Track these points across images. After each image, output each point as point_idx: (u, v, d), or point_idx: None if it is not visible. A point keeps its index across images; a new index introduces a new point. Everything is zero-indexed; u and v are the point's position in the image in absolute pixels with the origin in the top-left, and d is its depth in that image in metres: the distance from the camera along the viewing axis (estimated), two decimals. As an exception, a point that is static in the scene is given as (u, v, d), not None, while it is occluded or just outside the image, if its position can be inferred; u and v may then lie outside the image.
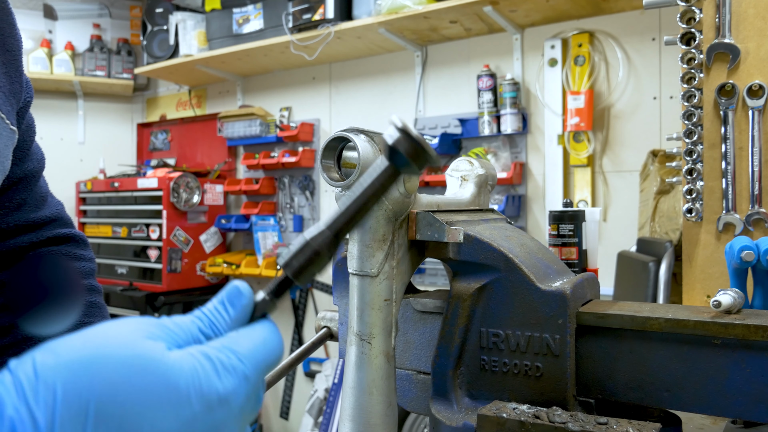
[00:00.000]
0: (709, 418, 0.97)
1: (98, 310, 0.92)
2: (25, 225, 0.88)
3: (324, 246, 0.46)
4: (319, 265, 0.46)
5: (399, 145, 0.46)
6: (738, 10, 1.22)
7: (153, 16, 3.96)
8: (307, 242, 0.46)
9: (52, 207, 0.93)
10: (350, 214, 0.47)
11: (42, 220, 0.90)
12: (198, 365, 0.39)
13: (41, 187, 0.92)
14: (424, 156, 0.46)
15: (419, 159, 0.46)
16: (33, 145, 0.89)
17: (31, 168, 0.88)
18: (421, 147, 0.46)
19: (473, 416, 0.71)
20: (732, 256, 0.86)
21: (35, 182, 0.90)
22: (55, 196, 0.97)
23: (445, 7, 2.71)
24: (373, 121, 3.43)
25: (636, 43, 2.68)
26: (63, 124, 4.36)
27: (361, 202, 0.47)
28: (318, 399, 3.43)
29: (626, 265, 2.19)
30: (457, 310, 0.75)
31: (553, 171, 2.84)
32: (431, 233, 0.76)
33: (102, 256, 3.97)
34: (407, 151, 0.46)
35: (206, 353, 0.40)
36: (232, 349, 0.41)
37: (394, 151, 0.47)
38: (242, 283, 0.45)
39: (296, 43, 3.20)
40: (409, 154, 0.46)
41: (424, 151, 0.46)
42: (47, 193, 0.94)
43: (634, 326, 0.70)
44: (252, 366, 0.41)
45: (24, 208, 0.88)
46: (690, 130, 1.26)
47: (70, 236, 0.93)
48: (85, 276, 0.94)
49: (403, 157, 0.46)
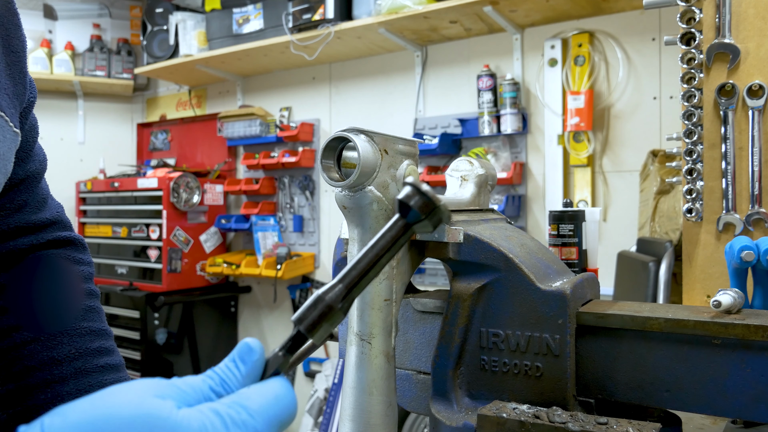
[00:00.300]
0: (709, 418, 0.97)
1: (96, 315, 0.91)
2: (26, 227, 0.87)
3: (336, 300, 0.46)
4: (332, 320, 0.46)
5: (410, 200, 0.48)
6: (738, 10, 1.22)
7: (153, 16, 3.96)
8: (319, 297, 0.46)
9: (53, 209, 0.93)
10: (363, 269, 0.48)
11: (42, 223, 0.89)
12: (207, 422, 0.38)
13: (42, 188, 0.92)
14: (436, 212, 0.48)
15: (432, 215, 0.48)
16: (35, 146, 0.89)
17: (32, 169, 0.87)
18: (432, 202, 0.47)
19: (473, 416, 0.71)
20: (732, 256, 0.86)
21: (36, 183, 0.89)
22: (55, 198, 0.96)
23: (445, 7, 2.71)
24: (373, 121, 3.43)
25: (636, 43, 2.68)
26: (63, 124, 4.36)
27: (373, 257, 0.48)
28: (318, 399, 3.43)
29: (626, 265, 2.19)
30: (457, 310, 0.75)
31: (553, 171, 2.84)
32: (431, 233, 0.76)
33: (102, 256, 3.97)
34: (419, 206, 0.47)
35: (216, 410, 0.39)
36: (243, 404, 0.40)
37: (405, 207, 0.48)
38: (253, 340, 0.45)
39: (296, 43, 3.20)
40: (421, 209, 0.48)
41: (436, 207, 0.47)
42: (48, 194, 0.93)
43: (634, 326, 0.70)
44: (263, 422, 0.40)
45: (25, 209, 0.88)
46: (690, 130, 1.26)
47: (70, 239, 0.93)
48: (85, 280, 0.93)
49: (414, 212, 0.48)
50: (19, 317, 0.83)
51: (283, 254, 3.52)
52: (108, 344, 0.89)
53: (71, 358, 0.83)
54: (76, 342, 0.85)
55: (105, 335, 0.90)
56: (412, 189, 0.48)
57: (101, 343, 0.87)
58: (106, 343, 0.89)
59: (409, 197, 0.48)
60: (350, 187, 0.71)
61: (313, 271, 3.68)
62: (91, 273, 0.95)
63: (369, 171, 0.70)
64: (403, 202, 0.48)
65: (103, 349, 0.88)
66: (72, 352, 0.83)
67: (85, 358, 0.84)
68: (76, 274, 0.92)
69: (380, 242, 0.48)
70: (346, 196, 0.73)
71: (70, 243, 0.93)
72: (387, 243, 0.48)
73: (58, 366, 0.82)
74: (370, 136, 0.71)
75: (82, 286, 0.92)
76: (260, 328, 3.96)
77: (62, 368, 0.82)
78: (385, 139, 0.73)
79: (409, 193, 0.48)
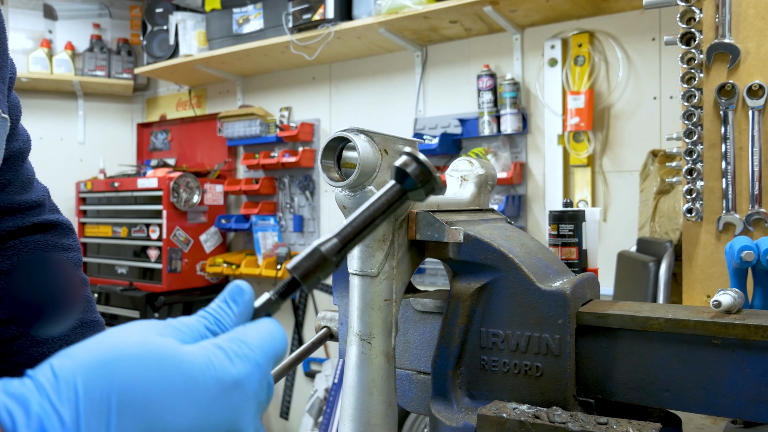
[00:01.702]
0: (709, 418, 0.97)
1: (87, 305, 0.90)
2: (10, 207, 0.85)
3: (331, 252, 0.49)
4: (325, 270, 0.49)
5: (407, 167, 0.51)
6: (738, 10, 1.22)
7: (153, 16, 3.96)
8: (316, 248, 0.49)
9: (38, 191, 0.90)
10: (357, 227, 0.50)
11: (28, 204, 0.87)
12: (212, 354, 0.40)
13: (27, 169, 0.89)
14: (430, 181, 0.51)
15: (426, 183, 0.51)
16: (18, 125, 0.86)
17: (16, 148, 0.85)
18: (428, 171, 0.51)
19: (473, 416, 0.71)
20: (732, 256, 0.86)
21: (21, 163, 0.87)
22: (41, 182, 0.93)
23: (445, 7, 2.71)
24: (373, 121, 3.43)
25: (636, 43, 2.68)
26: (63, 124, 4.36)
27: (368, 216, 0.51)
28: (318, 399, 3.43)
29: (626, 265, 2.19)
30: (457, 310, 0.75)
31: (553, 171, 2.84)
32: (431, 233, 0.76)
33: (102, 256, 3.97)
34: (415, 173, 0.51)
35: (218, 344, 0.42)
36: (242, 339, 0.43)
37: (402, 173, 0.51)
38: (243, 282, 0.47)
39: (296, 43, 3.20)
40: (417, 177, 0.51)
41: (431, 176, 0.51)
42: (33, 176, 0.90)
43: (634, 326, 0.70)
44: (262, 354, 0.43)
45: (8, 189, 0.85)
46: (690, 130, 1.26)
47: (56, 223, 0.90)
48: (75, 267, 0.92)
49: (411, 179, 0.51)
50: (10, 311, 0.81)
51: (283, 254, 3.52)
52: None
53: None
54: (68, 336, 0.83)
55: (97, 326, 0.88)
56: (409, 158, 0.51)
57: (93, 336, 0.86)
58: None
59: (406, 164, 0.51)
60: (350, 187, 0.71)
61: (313, 271, 3.68)
62: (79, 259, 0.93)
63: (369, 171, 0.70)
64: (400, 169, 0.51)
65: None
66: (63, 346, 0.81)
67: None
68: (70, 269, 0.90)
69: (376, 204, 0.51)
70: (346, 196, 0.73)
71: (57, 226, 0.90)
72: (382, 205, 0.51)
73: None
74: (370, 136, 0.71)
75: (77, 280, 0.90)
76: (260, 328, 3.96)
77: None
78: (385, 139, 0.73)
79: (406, 161, 0.51)
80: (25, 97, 4.22)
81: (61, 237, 0.90)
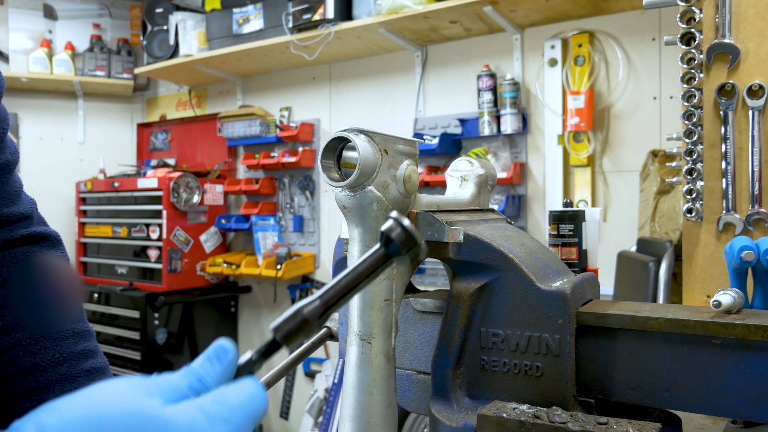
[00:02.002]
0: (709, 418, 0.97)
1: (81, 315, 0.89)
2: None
3: (313, 315, 0.50)
4: (306, 333, 0.50)
5: (392, 233, 0.52)
6: (738, 10, 1.22)
7: (153, 16, 3.96)
8: (298, 310, 0.50)
9: (26, 204, 0.88)
10: (341, 290, 0.52)
11: (16, 216, 0.85)
12: (194, 418, 0.41)
13: (15, 181, 0.87)
14: (415, 247, 0.52)
15: (411, 249, 0.52)
16: (6, 138, 0.85)
17: (3, 160, 0.83)
18: (413, 238, 0.51)
19: (473, 416, 0.71)
20: (732, 256, 0.86)
21: (8, 175, 0.85)
22: (28, 195, 0.91)
23: (445, 7, 2.71)
24: (373, 121, 3.43)
25: (636, 43, 2.68)
26: (63, 124, 4.36)
27: (351, 280, 0.52)
28: (318, 399, 3.43)
29: (626, 265, 2.19)
30: (457, 310, 0.75)
31: (553, 171, 2.84)
32: (431, 233, 0.76)
33: (102, 256, 3.97)
34: (398, 238, 0.51)
35: (200, 407, 0.42)
36: (224, 401, 0.43)
37: (387, 238, 0.52)
38: (227, 341, 0.48)
39: (296, 43, 3.20)
40: (402, 243, 0.51)
41: (416, 243, 0.51)
42: (21, 189, 0.89)
43: (634, 326, 0.70)
44: (243, 416, 0.44)
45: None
46: (690, 130, 1.26)
47: (45, 235, 0.89)
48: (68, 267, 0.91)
49: (395, 243, 0.51)
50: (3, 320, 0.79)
51: (283, 254, 3.52)
52: (92, 346, 0.86)
53: (55, 363, 0.80)
54: (60, 346, 0.82)
55: (88, 336, 0.87)
56: (395, 222, 0.52)
57: (85, 346, 0.84)
58: (90, 345, 0.86)
59: (391, 230, 0.52)
60: (350, 187, 0.71)
61: (313, 271, 3.68)
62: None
63: (369, 171, 0.70)
64: (385, 234, 0.52)
65: (88, 352, 0.85)
66: (56, 356, 0.80)
67: (69, 363, 0.82)
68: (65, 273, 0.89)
69: (360, 267, 0.52)
70: (346, 196, 0.73)
71: (45, 239, 0.89)
72: (366, 269, 0.52)
73: (42, 372, 0.79)
74: (370, 136, 0.71)
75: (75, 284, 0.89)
76: (260, 328, 3.97)
77: (47, 374, 0.79)
78: (385, 139, 0.73)
79: (392, 226, 0.52)
80: (25, 97, 4.23)
81: (49, 249, 0.89)
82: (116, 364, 3.65)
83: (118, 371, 3.63)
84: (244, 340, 4.03)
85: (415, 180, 0.75)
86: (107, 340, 3.72)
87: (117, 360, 3.65)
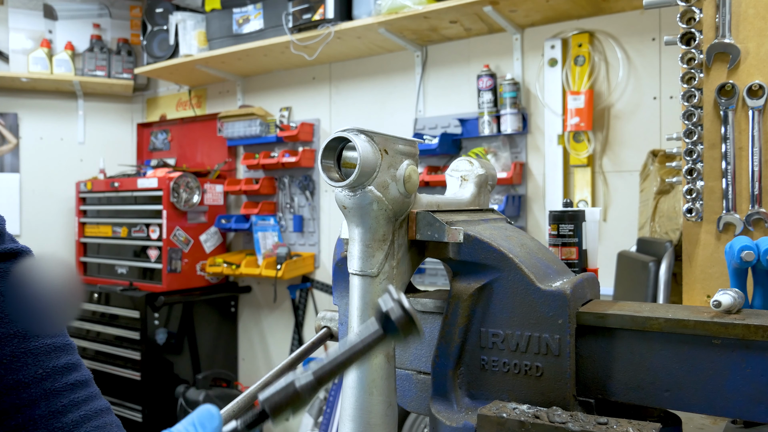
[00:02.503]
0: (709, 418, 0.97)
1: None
2: None
3: (305, 390, 0.50)
4: (296, 406, 0.50)
5: (392, 314, 0.51)
6: (738, 10, 1.22)
7: (153, 16, 3.96)
8: (291, 383, 0.50)
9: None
10: (335, 366, 0.52)
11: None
12: None
13: None
14: (413, 330, 0.51)
15: (407, 330, 0.51)
16: None
17: None
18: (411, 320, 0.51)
19: (473, 416, 0.71)
20: (732, 256, 0.86)
21: None
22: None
23: (445, 7, 2.71)
24: (373, 121, 3.43)
25: (636, 43, 2.68)
26: (63, 124, 4.36)
27: (347, 358, 0.52)
28: (318, 399, 3.43)
29: (626, 265, 2.19)
30: (457, 310, 0.75)
31: (553, 171, 2.84)
32: (431, 233, 0.76)
33: (102, 256, 3.97)
34: (398, 321, 0.51)
35: None
36: None
37: (386, 319, 0.51)
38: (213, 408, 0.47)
39: (296, 43, 3.20)
40: (400, 324, 0.51)
41: (414, 326, 0.51)
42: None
43: (634, 326, 0.70)
44: None
45: None
46: (690, 130, 1.26)
47: (17, 251, 0.85)
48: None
49: (393, 325, 0.51)
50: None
51: (283, 254, 3.52)
52: (74, 359, 0.84)
53: (39, 378, 0.78)
54: (42, 361, 0.80)
55: (69, 349, 0.85)
56: (396, 305, 0.51)
57: (68, 360, 0.83)
58: (72, 359, 0.84)
59: (392, 312, 0.51)
60: (350, 187, 0.71)
61: (313, 271, 3.68)
62: None
63: (369, 171, 0.70)
64: (385, 315, 0.52)
65: (71, 365, 0.83)
66: (39, 372, 0.78)
67: (53, 378, 0.80)
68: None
69: (357, 347, 0.52)
70: (346, 196, 0.73)
71: (18, 254, 0.86)
72: (363, 348, 0.52)
73: (26, 389, 0.77)
74: (370, 136, 0.71)
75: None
76: (260, 329, 3.96)
77: (30, 391, 0.77)
78: (385, 139, 0.73)
79: (392, 308, 0.51)
80: (25, 97, 4.23)
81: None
82: (116, 364, 3.65)
83: (118, 371, 3.63)
84: (244, 340, 4.03)
85: (415, 180, 0.75)
86: (107, 340, 3.72)
87: (117, 360, 3.65)
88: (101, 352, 3.73)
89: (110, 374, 3.65)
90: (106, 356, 3.71)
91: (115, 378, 3.63)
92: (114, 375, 3.64)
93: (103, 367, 3.70)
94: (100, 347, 3.74)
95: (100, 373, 3.68)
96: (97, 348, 3.75)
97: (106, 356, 3.71)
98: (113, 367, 3.66)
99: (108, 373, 3.66)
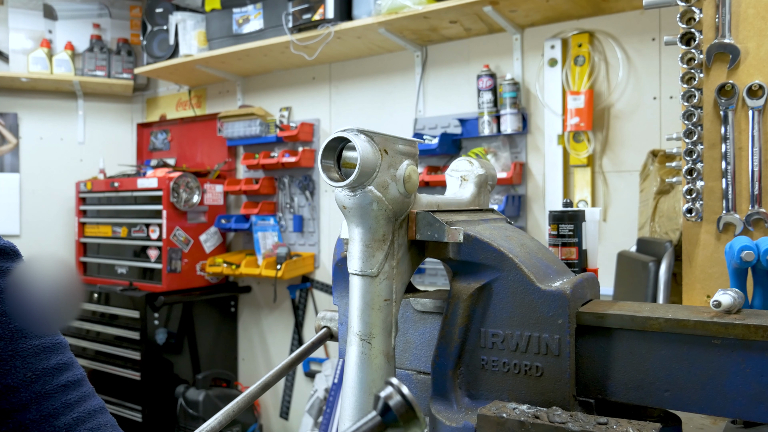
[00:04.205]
0: (709, 418, 0.97)
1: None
2: None
3: None
4: None
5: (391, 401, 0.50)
6: (738, 10, 1.22)
7: (153, 16, 3.96)
8: None
9: None
10: None
11: None
12: None
13: None
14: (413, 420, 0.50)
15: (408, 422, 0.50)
16: None
17: None
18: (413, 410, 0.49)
19: (473, 416, 0.71)
20: (732, 256, 0.86)
21: None
22: None
23: (445, 7, 2.71)
24: (373, 121, 3.43)
25: (636, 43, 2.68)
26: (63, 124, 4.36)
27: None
28: (318, 399, 3.43)
29: (626, 265, 2.19)
30: (457, 310, 0.75)
31: (553, 171, 2.84)
32: (431, 233, 0.76)
33: (102, 256, 3.97)
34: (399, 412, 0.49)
35: None
36: None
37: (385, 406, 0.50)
38: None
39: (296, 43, 3.20)
40: (401, 416, 0.49)
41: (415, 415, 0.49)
42: None
43: (634, 326, 0.70)
44: None
45: None
46: (690, 130, 1.26)
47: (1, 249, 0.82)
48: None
49: (393, 415, 0.49)
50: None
51: (283, 254, 3.52)
52: (65, 358, 0.81)
53: (28, 381, 0.76)
54: (31, 363, 0.77)
55: (60, 348, 0.82)
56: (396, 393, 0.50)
57: (58, 359, 0.80)
58: (64, 358, 0.81)
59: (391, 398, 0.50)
60: (350, 187, 0.71)
61: (313, 271, 3.68)
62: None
63: (369, 171, 0.70)
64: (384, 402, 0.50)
65: (62, 365, 0.80)
66: (28, 375, 0.76)
67: (43, 380, 0.77)
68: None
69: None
70: (346, 196, 0.73)
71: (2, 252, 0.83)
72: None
73: (15, 393, 0.75)
74: (370, 136, 0.71)
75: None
76: (260, 328, 3.96)
77: (20, 395, 0.75)
78: (385, 139, 0.73)
79: (392, 395, 0.50)
80: (25, 97, 4.23)
81: (6, 261, 0.82)
82: (116, 364, 3.65)
83: (117, 371, 3.63)
84: (244, 340, 4.03)
85: (415, 180, 0.75)
86: (107, 340, 3.72)
87: (117, 360, 3.65)
88: (101, 352, 3.73)
89: (110, 374, 3.65)
90: (106, 356, 3.71)
91: (115, 378, 3.63)
92: (114, 375, 3.64)
93: (102, 367, 3.70)
94: (100, 347, 3.74)
95: (99, 373, 3.69)
96: (97, 348, 3.75)
97: (106, 356, 3.71)
98: (113, 367, 3.66)
99: (108, 373, 3.66)
